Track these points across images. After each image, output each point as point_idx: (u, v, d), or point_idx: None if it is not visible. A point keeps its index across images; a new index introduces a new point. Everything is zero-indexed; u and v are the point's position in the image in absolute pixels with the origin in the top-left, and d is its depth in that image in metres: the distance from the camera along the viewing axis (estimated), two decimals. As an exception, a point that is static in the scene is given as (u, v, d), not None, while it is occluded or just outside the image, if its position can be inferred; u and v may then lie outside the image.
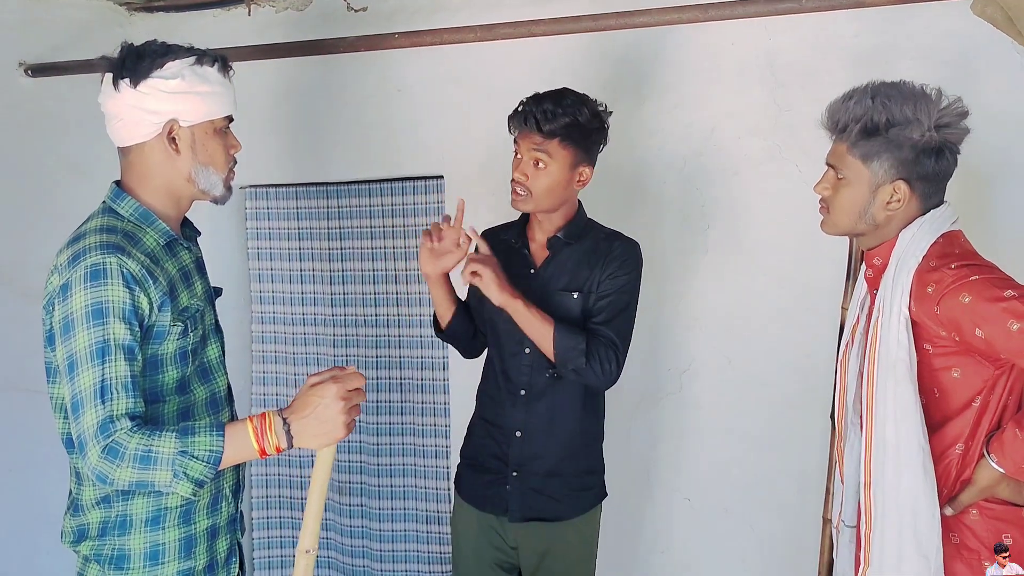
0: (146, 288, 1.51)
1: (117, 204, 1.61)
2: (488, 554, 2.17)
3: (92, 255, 1.48)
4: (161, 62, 1.57)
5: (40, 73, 2.86)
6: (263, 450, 1.48)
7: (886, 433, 1.58)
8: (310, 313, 3.13)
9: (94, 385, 1.44)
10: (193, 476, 1.45)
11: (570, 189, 2.04)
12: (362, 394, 1.55)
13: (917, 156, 1.56)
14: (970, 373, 1.56)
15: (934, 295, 1.53)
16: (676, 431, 2.65)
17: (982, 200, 2.19)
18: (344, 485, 3.15)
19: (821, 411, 2.24)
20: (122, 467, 1.42)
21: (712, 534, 2.65)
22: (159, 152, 1.60)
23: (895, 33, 2.27)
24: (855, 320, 1.78)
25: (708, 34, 2.43)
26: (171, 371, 1.59)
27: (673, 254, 2.58)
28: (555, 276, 2.08)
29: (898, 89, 1.58)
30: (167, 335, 1.56)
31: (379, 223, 2.98)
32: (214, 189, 1.67)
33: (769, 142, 2.43)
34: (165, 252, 1.62)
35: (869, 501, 1.63)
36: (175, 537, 1.61)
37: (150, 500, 1.58)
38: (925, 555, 1.55)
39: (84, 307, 1.46)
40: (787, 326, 2.48)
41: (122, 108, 1.58)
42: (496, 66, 2.62)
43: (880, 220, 1.63)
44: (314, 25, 2.82)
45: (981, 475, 1.58)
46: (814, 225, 2.35)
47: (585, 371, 1.98)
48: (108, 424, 1.43)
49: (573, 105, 1.96)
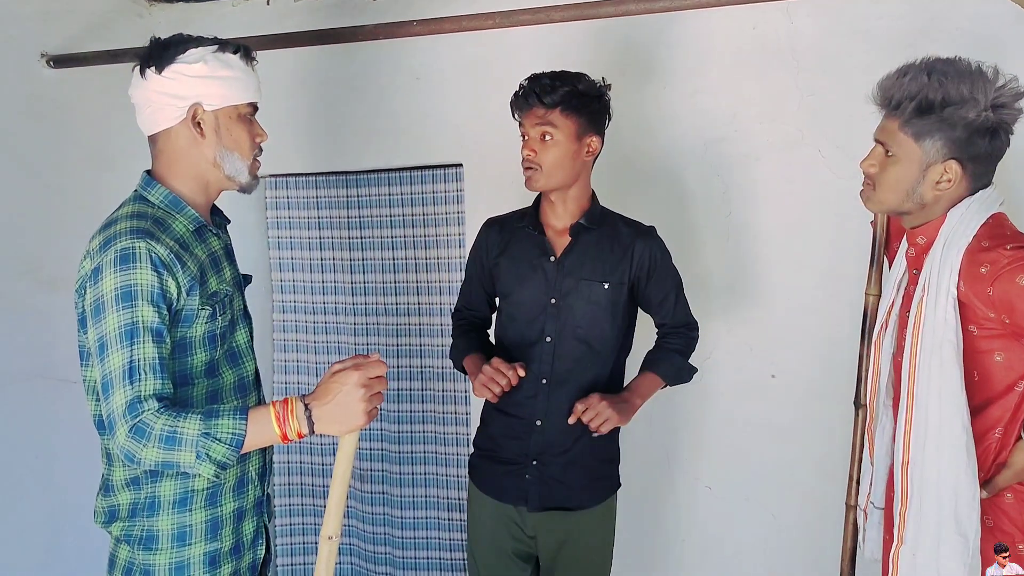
0: (174, 272, 1.54)
1: (147, 192, 1.66)
2: (506, 544, 2.17)
3: (122, 240, 1.52)
4: (184, 48, 1.63)
5: (61, 64, 2.87)
6: (284, 435, 1.51)
7: (928, 414, 1.56)
8: (331, 302, 3.14)
9: (123, 366, 1.48)
10: (216, 458, 1.48)
11: (579, 160, 2.03)
12: (384, 382, 1.57)
13: (971, 136, 1.52)
14: (1013, 358, 1.55)
15: (988, 275, 1.50)
16: (697, 419, 2.65)
17: (1007, 186, 2.16)
18: (365, 473, 3.17)
19: (843, 399, 2.22)
20: (148, 447, 1.46)
21: (733, 522, 2.64)
22: (185, 137, 1.65)
23: (919, 16, 2.24)
24: (890, 302, 1.76)
25: (730, 18, 2.41)
26: (200, 354, 1.63)
27: (694, 241, 2.56)
28: (577, 264, 2.07)
29: (954, 66, 1.54)
30: (195, 319, 1.60)
31: (399, 212, 2.98)
32: (239, 175, 1.71)
33: (791, 127, 2.41)
34: (195, 238, 1.66)
35: (906, 480, 1.61)
36: (202, 519, 1.65)
37: (177, 482, 1.62)
38: (964, 535, 1.54)
39: (114, 290, 1.50)
40: (809, 313, 2.46)
41: (149, 95, 1.63)
42: (515, 53, 2.61)
43: (928, 199, 1.60)
44: (332, 13, 2.81)
45: (1018, 458, 1.58)
46: (838, 210, 2.35)
47: (692, 368, 2.21)
48: (136, 404, 1.47)
49: (570, 76, 2.00)
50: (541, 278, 2.09)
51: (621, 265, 2.07)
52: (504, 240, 2.16)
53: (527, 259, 2.10)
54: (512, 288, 2.12)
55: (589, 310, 2.06)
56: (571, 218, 2.10)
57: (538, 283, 2.09)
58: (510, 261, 2.14)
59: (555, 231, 2.11)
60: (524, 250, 2.12)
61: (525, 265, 2.10)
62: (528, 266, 2.10)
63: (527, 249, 2.11)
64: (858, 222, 2.16)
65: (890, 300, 1.76)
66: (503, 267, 2.15)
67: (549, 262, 2.09)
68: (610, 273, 2.07)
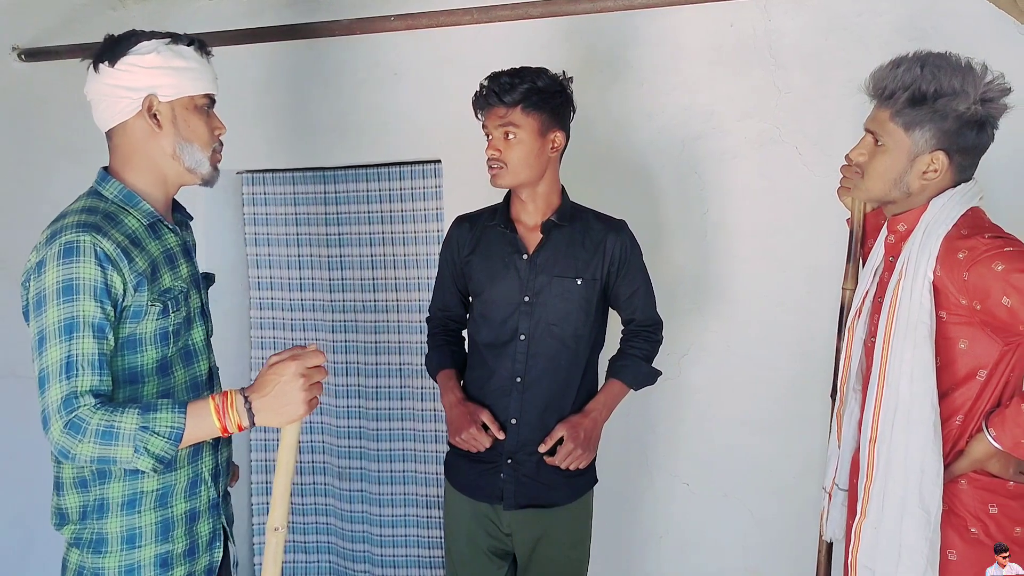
0: (120, 267, 1.52)
1: (102, 187, 1.64)
2: (482, 541, 2.16)
3: (67, 233, 1.50)
4: (136, 41, 1.62)
5: (33, 57, 2.84)
6: (224, 428, 1.50)
7: (899, 392, 1.61)
8: (308, 298, 3.12)
9: (60, 360, 1.46)
10: (154, 452, 1.46)
11: (544, 156, 2.03)
12: (323, 371, 1.56)
13: (960, 128, 1.58)
14: (977, 346, 1.59)
15: (965, 261, 1.54)
16: (675, 416, 2.65)
17: (985, 183, 2.18)
18: (344, 471, 3.15)
19: (821, 394, 2.23)
20: (84, 442, 1.45)
21: (711, 518, 2.65)
22: (141, 130, 1.63)
23: (897, 13, 2.25)
24: (865, 290, 1.80)
25: (707, 15, 2.41)
26: (150, 351, 1.61)
27: (672, 238, 2.56)
28: (550, 261, 2.07)
29: (946, 60, 1.59)
30: (145, 315, 1.57)
31: (377, 208, 2.97)
32: (200, 167, 1.68)
33: (769, 124, 2.42)
34: (148, 233, 1.63)
35: (872, 456, 1.66)
36: (152, 520, 1.62)
37: (126, 484, 1.60)
38: (927, 511, 1.59)
39: (56, 283, 1.48)
40: (787, 309, 2.47)
41: (102, 89, 1.62)
42: (493, 49, 2.59)
43: (914, 189, 1.64)
44: (309, 8, 2.79)
45: (976, 448, 1.62)
46: (815, 207, 2.36)
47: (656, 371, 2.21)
48: (72, 399, 1.45)
49: (529, 73, 2.00)
50: (514, 276, 2.08)
51: (594, 261, 2.07)
52: (475, 238, 2.15)
53: (499, 256, 2.09)
54: (484, 286, 2.11)
55: (563, 307, 2.06)
56: (542, 215, 2.09)
57: (511, 281, 2.08)
58: (482, 259, 2.13)
59: (526, 228, 2.11)
60: (496, 248, 2.11)
61: (497, 263, 2.10)
62: (500, 264, 2.09)
63: (499, 247, 2.10)
64: (835, 219, 2.17)
65: (865, 288, 1.81)
66: (475, 265, 2.13)
67: (522, 260, 2.08)
68: (583, 269, 2.07)
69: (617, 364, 2.18)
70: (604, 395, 2.14)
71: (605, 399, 2.13)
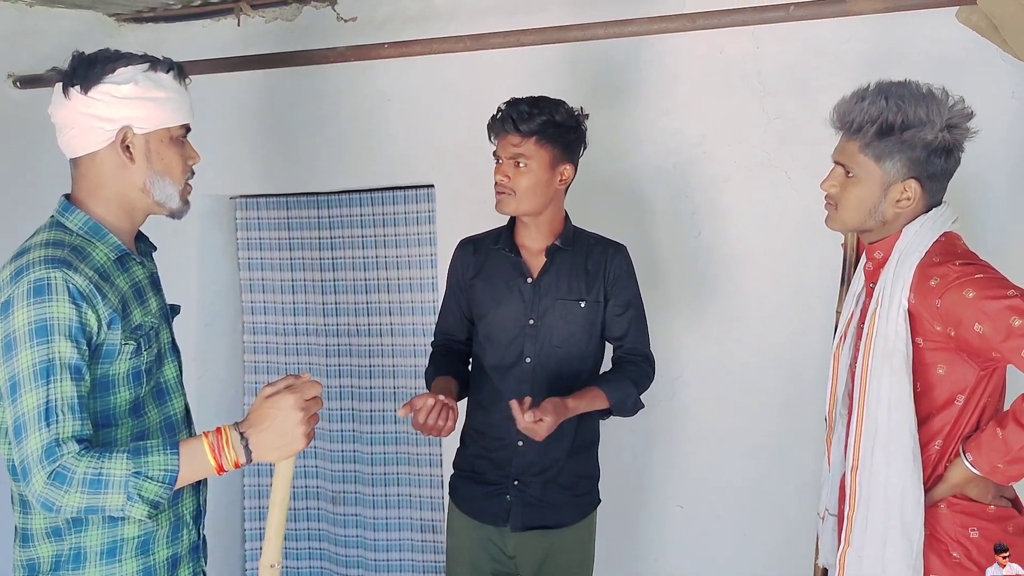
0: (94, 304, 1.43)
1: (65, 218, 1.54)
2: (485, 565, 2.16)
3: (36, 270, 1.41)
4: (112, 67, 1.51)
5: (28, 85, 2.85)
6: (220, 466, 1.42)
7: (878, 420, 1.62)
8: (302, 323, 3.13)
9: (38, 407, 1.36)
10: (148, 497, 1.38)
11: (552, 188, 2.04)
12: (319, 402, 1.50)
13: (929, 156, 1.59)
14: (954, 371, 1.60)
15: (937, 288, 1.55)
16: (668, 437, 2.66)
17: (968, 204, 2.20)
18: (338, 495, 3.14)
19: (814, 415, 2.24)
20: (70, 493, 1.35)
21: (705, 540, 2.65)
22: (112, 162, 1.54)
23: (883, 41, 2.28)
24: (849, 315, 1.81)
25: (697, 43, 2.44)
26: (123, 392, 1.52)
27: (664, 260, 2.58)
28: (553, 284, 2.09)
29: (908, 89, 1.60)
30: (118, 354, 1.49)
31: (370, 232, 2.98)
32: (170, 201, 1.60)
33: (758, 150, 2.44)
34: (116, 267, 1.54)
35: (855, 484, 1.67)
36: (133, 569, 1.53)
37: (105, 531, 1.50)
38: (909, 538, 1.59)
39: (27, 324, 1.38)
40: (778, 331, 2.49)
41: (73, 116, 1.52)
42: (486, 75, 2.62)
43: (889, 217, 1.65)
44: (304, 35, 2.82)
45: (954, 473, 1.62)
46: (805, 231, 2.38)
47: (640, 403, 2.10)
48: (54, 448, 1.35)
49: (548, 105, 2.00)
50: (518, 299, 2.09)
51: (596, 283, 2.09)
52: (479, 261, 2.16)
53: (503, 280, 2.11)
54: (489, 309, 2.12)
55: (567, 329, 2.08)
56: (545, 240, 2.10)
57: (515, 304, 2.09)
58: (486, 282, 2.14)
59: (530, 252, 2.12)
60: (500, 271, 2.12)
61: (501, 286, 2.11)
62: (504, 287, 2.10)
63: (503, 270, 2.12)
64: (825, 242, 2.19)
65: (849, 313, 1.82)
66: (479, 288, 2.15)
67: (526, 283, 2.09)
68: (586, 292, 2.08)
69: (605, 376, 2.12)
70: (582, 391, 2.02)
71: (582, 394, 2.00)
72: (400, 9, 2.71)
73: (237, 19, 2.82)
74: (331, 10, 2.75)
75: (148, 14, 2.95)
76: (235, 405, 3.24)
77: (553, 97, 2.03)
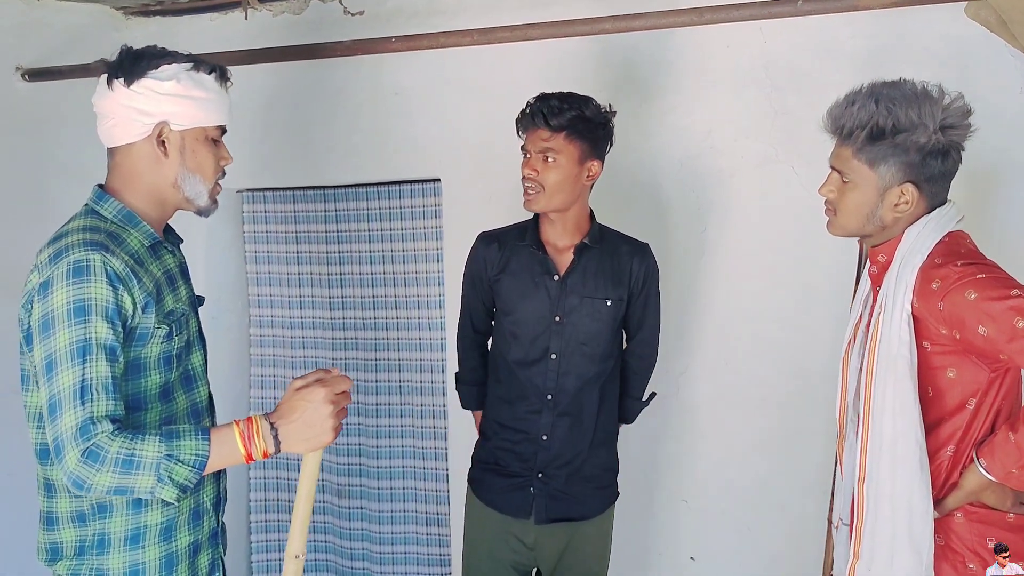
0: (130, 287, 1.47)
1: (99, 206, 1.58)
2: (505, 556, 2.19)
3: (75, 252, 1.44)
4: (157, 63, 1.56)
5: (36, 77, 2.86)
6: (250, 455, 1.45)
7: (883, 428, 1.58)
8: (308, 316, 3.14)
9: (74, 385, 1.39)
10: (178, 481, 1.40)
11: (579, 184, 2.04)
12: (349, 397, 1.53)
13: (924, 159, 1.55)
14: (965, 374, 1.56)
15: (939, 291, 1.52)
16: (674, 434, 2.66)
17: (979, 200, 2.20)
18: (344, 488, 3.15)
19: (819, 413, 2.24)
20: (102, 472, 1.37)
21: (711, 536, 2.65)
22: (147, 154, 1.58)
23: (890, 36, 2.28)
24: (857, 318, 1.78)
25: (704, 37, 2.43)
26: (154, 376, 1.55)
27: (670, 256, 2.57)
28: (580, 282, 2.10)
29: (900, 90, 1.56)
30: (151, 337, 1.52)
31: (376, 226, 2.98)
32: (199, 199, 1.65)
33: (765, 145, 2.44)
34: (149, 254, 1.59)
35: (862, 496, 1.63)
36: (156, 555, 1.56)
37: (129, 517, 1.54)
38: (918, 551, 1.56)
39: (66, 304, 1.41)
40: (784, 328, 2.48)
41: (114, 107, 1.56)
42: (493, 69, 2.62)
43: (888, 221, 1.62)
44: (311, 29, 2.82)
45: (968, 480, 1.58)
46: (811, 227, 2.37)
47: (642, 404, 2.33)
48: (89, 426, 1.38)
49: (578, 101, 2.01)
50: (544, 296, 2.10)
51: (622, 282, 2.11)
52: (504, 257, 2.16)
53: (529, 276, 2.11)
54: (515, 305, 2.13)
55: (593, 327, 2.09)
56: (571, 237, 2.11)
57: (541, 301, 2.10)
58: (512, 278, 2.14)
59: (556, 249, 2.12)
60: (525, 267, 2.12)
61: (528, 283, 2.11)
62: (531, 284, 2.11)
63: (528, 266, 2.12)
64: (831, 237, 2.18)
65: (856, 316, 1.78)
66: (504, 284, 2.15)
67: (552, 280, 2.10)
68: (612, 290, 2.10)
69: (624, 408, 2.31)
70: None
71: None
72: (407, 3, 2.70)
73: (244, 13, 2.82)
74: (338, 4, 2.75)
75: (155, 7, 2.95)
76: (241, 397, 3.25)
77: (582, 94, 2.03)
